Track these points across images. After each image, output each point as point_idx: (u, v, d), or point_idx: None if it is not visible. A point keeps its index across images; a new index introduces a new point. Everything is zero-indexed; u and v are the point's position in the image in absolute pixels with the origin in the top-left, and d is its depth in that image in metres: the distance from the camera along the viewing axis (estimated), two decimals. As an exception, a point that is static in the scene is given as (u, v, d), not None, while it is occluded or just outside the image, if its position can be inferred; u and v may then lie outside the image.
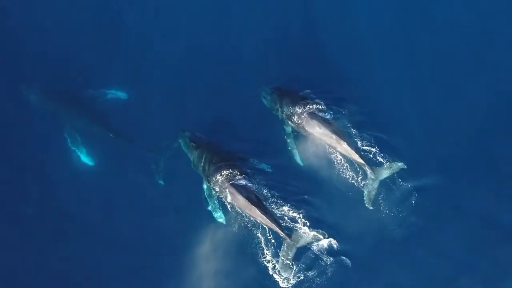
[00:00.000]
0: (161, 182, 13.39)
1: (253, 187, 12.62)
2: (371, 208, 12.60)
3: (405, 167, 12.80)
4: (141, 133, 14.08)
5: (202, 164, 12.93)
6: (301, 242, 12.02)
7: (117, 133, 13.96)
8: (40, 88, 14.83)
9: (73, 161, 13.87)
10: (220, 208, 12.75)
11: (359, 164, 12.95)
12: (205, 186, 12.98)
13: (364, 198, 12.72)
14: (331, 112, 13.67)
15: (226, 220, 12.65)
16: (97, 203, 13.29)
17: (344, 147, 13.01)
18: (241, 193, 12.36)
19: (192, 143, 13.25)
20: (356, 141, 13.32)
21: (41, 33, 15.84)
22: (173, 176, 13.50)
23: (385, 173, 12.82)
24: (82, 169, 13.77)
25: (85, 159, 13.89)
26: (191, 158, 13.25)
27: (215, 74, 15.22)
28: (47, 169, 13.79)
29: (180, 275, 12.26)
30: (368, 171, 12.76)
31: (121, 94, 14.87)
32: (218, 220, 12.70)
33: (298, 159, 13.53)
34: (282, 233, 11.99)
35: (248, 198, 12.27)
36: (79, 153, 13.91)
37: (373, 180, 12.76)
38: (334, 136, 13.11)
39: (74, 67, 15.32)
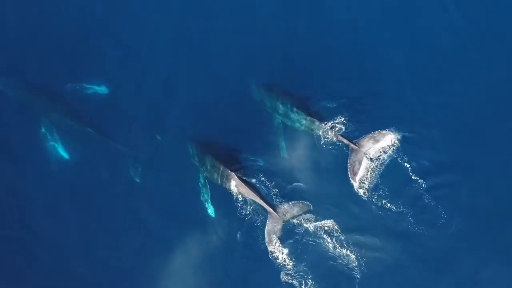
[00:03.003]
0: (137, 180, 13.59)
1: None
2: (354, 183, 12.74)
3: (391, 133, 12.89)
4: (120, 129, 14.12)
5: (213, 170, 13.22)
6: (287, 216, 12.34)
7: (95, 128, 13.95)
8: (18, 81, 14.76)
9: (49, 154, 13.95)
10: (211, 201, 13.13)
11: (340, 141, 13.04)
12: (201, 178, 13.33)
13: (348, 171, 12.83)
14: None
15: (215, 213, 13.06)
16: (70, 196, 13.48)
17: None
18: (228, 168, 12.82)
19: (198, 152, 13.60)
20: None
21: (21, 25, 15.57)
22: (151, 173, 13.66)
23: (368, 144, 12.71)
24: (57, 162, 13.85)
25: (61, 152, 14.01)
26: (198, 161, 13.54)
27: (201, 71, 14.96)
28: (22, 160, 13.91)
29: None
30: (349, 144, 12.81)
31: (102, 89, 14.77)
32: (208, 211, 13.10)
33: (284, 151, 13.65)
34: (267, 206, 12.28)
35: (232, 170, 12.71)
36: (55, 146, 14.01)
37: (356, 151, 12.69)
38: None
39: (54, 61, 15.15)
